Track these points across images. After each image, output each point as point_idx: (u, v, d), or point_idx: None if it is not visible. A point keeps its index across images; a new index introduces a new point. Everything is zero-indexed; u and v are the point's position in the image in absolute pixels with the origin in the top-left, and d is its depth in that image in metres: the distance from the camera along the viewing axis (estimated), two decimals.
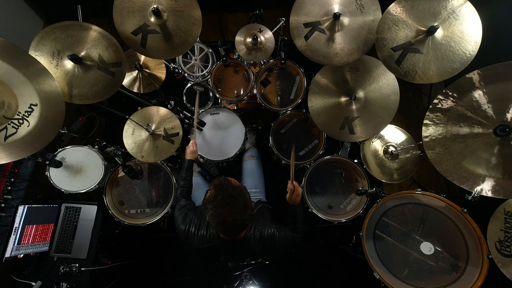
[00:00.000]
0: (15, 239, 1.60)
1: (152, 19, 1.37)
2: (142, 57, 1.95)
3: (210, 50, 2.04)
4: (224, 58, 1.82)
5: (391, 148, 1.80)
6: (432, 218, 1.60)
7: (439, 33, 1.22)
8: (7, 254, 1.56)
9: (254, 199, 1.71)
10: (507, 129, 1.08)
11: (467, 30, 1.19)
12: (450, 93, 1.18)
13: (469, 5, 1.18)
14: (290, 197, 1.38)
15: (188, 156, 1.60)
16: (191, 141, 1.66)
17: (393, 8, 1.26)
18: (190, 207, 1.34)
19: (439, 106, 1.20)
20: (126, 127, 1.67)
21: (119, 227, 2.11)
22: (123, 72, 1.37)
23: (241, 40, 1.78)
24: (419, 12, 1.23)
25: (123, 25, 1.36)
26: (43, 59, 1.26)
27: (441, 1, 1.20)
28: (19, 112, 1.14)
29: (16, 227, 1.61)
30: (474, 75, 1.12)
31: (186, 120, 1.81)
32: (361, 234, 1.61)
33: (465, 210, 1.49)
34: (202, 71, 2.06)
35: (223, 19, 3.02)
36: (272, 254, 1.27)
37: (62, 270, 1.71)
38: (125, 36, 1.37)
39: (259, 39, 1.75)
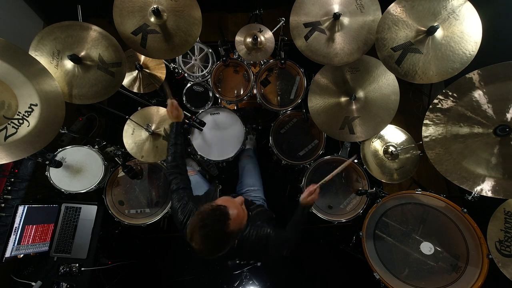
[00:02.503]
0: (15, 239, 1.60)
1: (152, 19, 1.37)
2: (142, 57, 1.95)
3: (210, 50, 2.05)
4: (224, 58, 1.82)
5: (391, 148, 1.80)
6: (432, 218, 1.60)
7: (439, 33, 1.22)
8: (7, 254, 1.56)
9: (254, 199, 1.71)
10: (507, 129, 1.08)
11: (467, 30, 1.19)
12: (450, 93, 1.18)
13: (469, 5, 1.18)
14: (306, 198, 1.32)
15: (172, 118, 1.41)
16: (168, 101, 1.42)
17: (393, 8, 1.26)
18: (190, 194, 1.27)
19: (439, 106, 1.20)
20: (126, 127, 1.67)
21: (119, 227, 2.11)
22: (123, 72, 1.37)
23: (241, 40, 1.78)
24: (419, 12, 1.23)
25: (123, 25, 1.36)
26: (43, 59, 1.26)
27: (441, 1, 1.20)
28: (19, 112, 1.15)
29: (16, 227, 1.61)
30: (474, 75, 1.12)
31: (186, 120, 1.81)
32: (361, 234, 1.61)
33: (465, 210, 1.49)
34: (202, 71, 2.06)
35: (223, 19, 3.02)
36: (266, 254, 1.23)
37: (62, 270, 1.71)
38: (125, 36, 1.37)
39: (259, 39, 1.75)
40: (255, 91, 1.92)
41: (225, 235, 0.99)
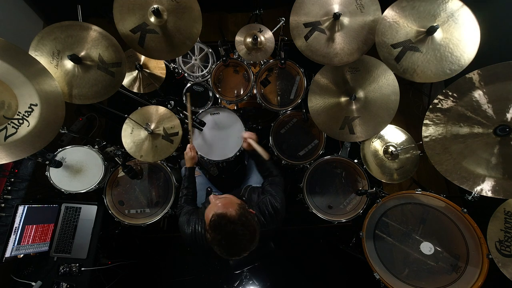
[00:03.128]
0: (15, 239, 1.60)
1: (152, 19, 1.37)
2: (142, 57, 1.95)
3: (210, 50, 2.05)
4: (224, 58, 1.82)
5: (391, 148, 1.80)
6: (432, 218, 1.60)
7: (439, 34, 1.23)
8: (7, 254, 1.56)
9: None
10: (507, 129, 1.08)
11: (465, 34, 1.20)
12: (450, 93, 1.18)
13: (467, 10, 1.19)
14: (247, 146, 1.52)
15: (188, 163, 1.57)
16: (188, 146, 1.59)
17: (394, 7, 1.26)
18: (192, 211, 1.33)
19: (439, 106, 1.20)
20: (124, 126, 1.67)
21: (119, 227, 2.11)
22: (123, 72, 1.37)
23: (241, 40, 1.78)
24: (420, 13, 1.24)
25: (123, 22, 1.35)
26: (43, 59, 1.26)
27: (440, 4, 1.21)
28: (19, 112, 1.14)
29: (16, 227, 1.61)
30: (474, 75, 1.12)
31: (186, 120, 1.81)
32: (361, 234, 1.61)
33: (465, 210, 1.49)
34: (202, 71, 2.06)
35: (223, 19, 3.02)
36: (281, 217, 1.28)
37: (62, 270, 1.71)
38: (123, 33, 1.36)
39: (259, 39, 1.75)
40: (255, 91, 1.92)
41: (241, 220, 1.01)
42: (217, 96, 1.92)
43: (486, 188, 1.16)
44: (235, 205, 1.07)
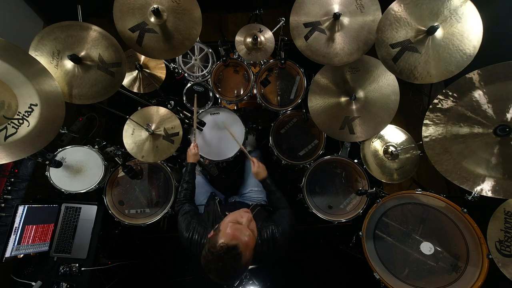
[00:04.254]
0: (15, 239, 1.60)
1: (152, 19, 1.37)
2: (142, 57, 1.95)
3: (210, 50, 2.04)
4: (224, 58, 1.82)
5: (391, 148, 1.80)
6: (432, 218, 1.60)
7: (439, 34, 1.22)
8: (7, 254, 1.56)
9: (255, 200, 1.71)
10: (507, 129, 1.08)
11: (467, 33, 1.18)
12: (450, 93, 1.17)
13: (471, 6, 1.17)
14: (255, 171, 1.51)
15: (190, 159, 1.61)
16: (192, 144, 1.66)
17: (396, 4, 1.25)
18: (193, 213, 1.34)
19: (439, 106, 1.20)
20: (126, 127, 1.67)
21: (119, 227, 2.11)
22: (123, 72, 1.37)
23: (241, 40, 1.78)
24: (423, 10, 1.22)
25: (122, 20, 1.35)
26: (43, 59, 1.26)
27: (445, 1, 1.19)
28: (19, 112, 1.14)
29: (16, 227, 1.61)
30: (474, 75, 1.12)
31: (186, 120, 1.81)
32: (361, 234, 1.61)
33: (465, 210, 1.49)
34: (202, 71, 2.06)
35: (223, 19, 3.02)
36: (276, 252, 1.26)
37: (62, 270, 1.71)
38: (122, 31, 1.36)
39: (259, 39, 1.74)
40: (255, 91, 1.92)
41: (241, 267, 1.05)
42: (217, 96, 1.92)
43: (486, 188, 1.15)
44: (251, 250, 1.07)
